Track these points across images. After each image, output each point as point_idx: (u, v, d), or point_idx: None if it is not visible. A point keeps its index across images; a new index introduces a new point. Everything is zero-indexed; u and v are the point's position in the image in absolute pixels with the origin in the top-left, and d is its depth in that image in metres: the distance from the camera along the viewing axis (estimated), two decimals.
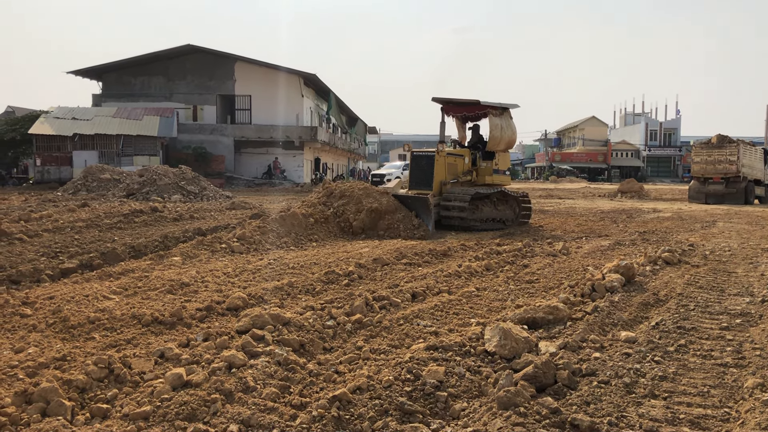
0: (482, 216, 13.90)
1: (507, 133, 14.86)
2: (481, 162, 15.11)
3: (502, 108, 14.91)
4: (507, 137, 14.92)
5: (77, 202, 17.61)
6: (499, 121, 14.67)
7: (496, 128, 14.68)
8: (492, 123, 14.69)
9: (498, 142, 14.84)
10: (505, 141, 14.96)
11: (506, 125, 14.80)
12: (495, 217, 14.24)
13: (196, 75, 41.27)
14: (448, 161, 14.27)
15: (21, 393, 3.93)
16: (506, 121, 14.85)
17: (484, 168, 15.06)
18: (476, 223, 13.57)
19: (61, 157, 35.15)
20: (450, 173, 14.27)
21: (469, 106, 15.24)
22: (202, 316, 5.83)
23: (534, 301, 6.16)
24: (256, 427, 3.65)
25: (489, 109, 14.81)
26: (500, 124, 14.66)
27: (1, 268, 8.90)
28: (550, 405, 3.68)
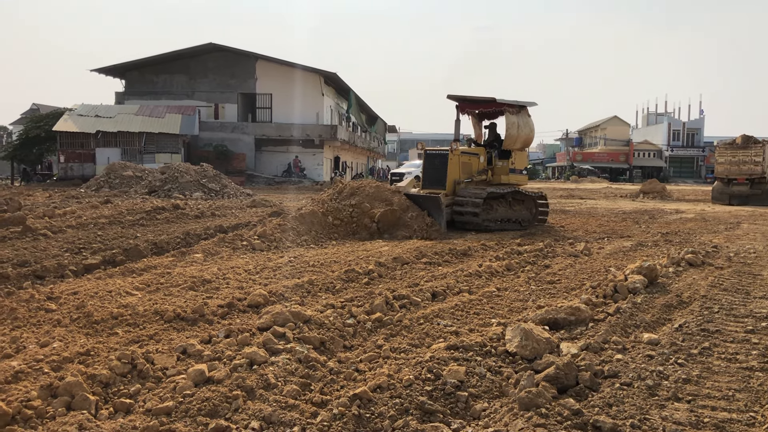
0: (497, 216, 13.64)
1: (524, 131, 14.56)
2: (497, 161, 14.84)
3: (519, 106, 14.61)
4: (524, 136, 14.63)
5: (100, 199, 17.82)
6: (515, 119, 14.35)
7: (512, 126, 14.34)
8: (508, 121, 14.35)
9: (514, 141, 14.53)
10: (522, 140, 14.67)
11: (523, 123, 14.49)
12: (510, 217, 13.98)
13: (218, 73, 41.54)
14: (462, 160, 13.97)
15: (46, 387, 3.98)
16: (523, 119, 14.53)
17: (500, 167, 14.76)
18: (490, 224, 13.32)
19: (85, 154, 35.59)
20: (464, 172, 13.97)
21: (485, 103, 14.97)
22: (224, 313, 5.86)
23: (555, 302, 6.13)
24: (277, 424, 3.66)
25: (505, 107, 14.52)
26: (517, 122, 14.34)
27: (26, 263, 9.03)
28: (571, 406, 3.66)
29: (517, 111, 14.46)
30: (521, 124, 14.40)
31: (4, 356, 4.77)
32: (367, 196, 12.63)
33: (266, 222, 12.27)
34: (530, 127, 14.75)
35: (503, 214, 13.79)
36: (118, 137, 35.81)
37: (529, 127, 14.67)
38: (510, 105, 14.46)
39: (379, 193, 12.72)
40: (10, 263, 8.97)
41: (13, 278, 8.32)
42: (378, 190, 12.81)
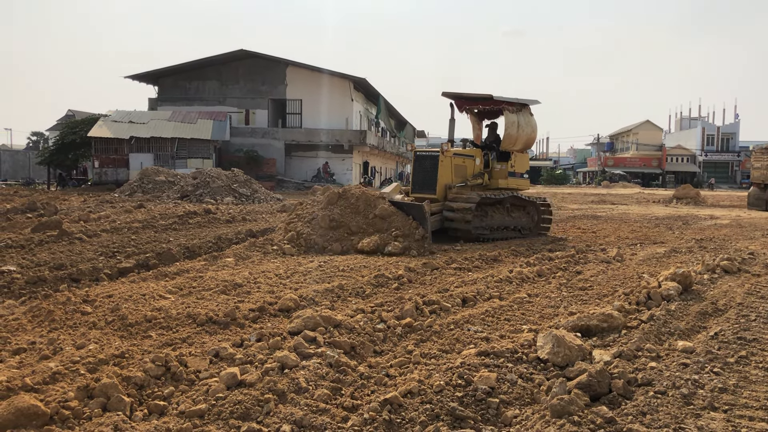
0: (492, 224, 12.64)
1: (525, 131, 13.44)
2: (496, 164, 13.74)
3: (520, 104, 13.48)
4: (525, 136, 13.52)
5: (134, 204, 18.11)
6: (515, 118, 13.24)
7: (512, 126, 13.22)
8: (507, 120, 13.24)
9: (514, 142, 13.40)
10: (523, 140, 13.56)
11: (525, 123, 13.39)
12: (508, 225, 13.03)
13: (249, 79, 41.97)
14: (455, 162, 12.85)
15: (83, 388, 4.06)
16: (525, 118, 13.42)
17: (499, 170, 13.66)
18: (485, 232, 12.36)
19: (119, 159, 36.19)
20: (457, 176, 12.88)
21: (482, 101, 13.97)
22: (255, 317, 5.91)
23: (587, 309, 6.06)
24: (308, 428, 3.68)
25: (504, 104, 13.44)
26: (517, 122, 13.24)
27: (62, 266, 9.22)
28: (605, 414, 3.62)
29: (518, 109, 13.43)
30: (522, 123, 13.37)
31: (42, 357, 4.87)
32: (350, 206, 11.35)
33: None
34: (532, 126, 13.66)
35: (500, 222, 12.86)
36: (151, 143, 36.35)
37: (531, 126, 13.60)
38: (509, 103, 13.43)
39: (364, 202, 11.39)
40: (47, 266, 9.16)
41: (50, 281, 8.51)
42: (363, 198, 11.48)
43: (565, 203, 25.84)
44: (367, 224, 10.97)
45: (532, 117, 13.69)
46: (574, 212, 20.05)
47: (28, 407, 3.63)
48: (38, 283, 8.42)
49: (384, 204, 11.26)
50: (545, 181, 69.77)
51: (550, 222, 14.10)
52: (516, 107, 13.39)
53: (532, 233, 13.38)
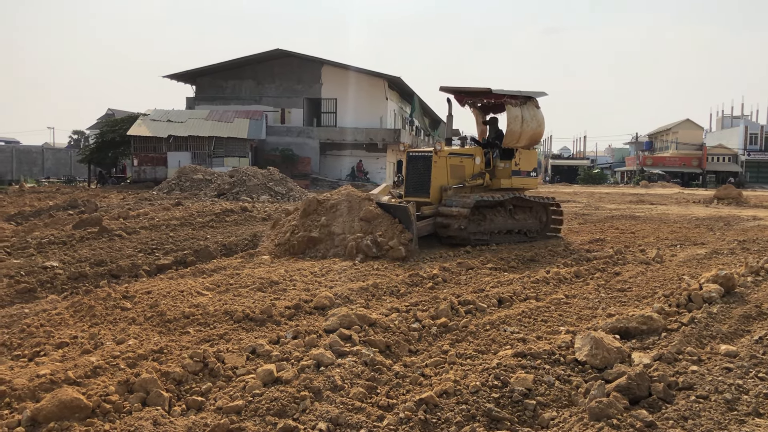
0: (492, 227, 11.69)
1: (531, 126, 12.46)
2: (498, 162, 12.73)
3: (524, 97, 12.54)
4: (530, 131, 12.54)
5: (172, 201, 18.39)
6: (519, 112, 12.29)
7: (514, 121, 12.26)
8: (510, 114, 12.29)
9: (517, 138, 12.43)
10: (528, 136, 12.58)
11: (530, 117, 12.44)
12: (512, 228, 12.11)
13: (284, 79, 42.27)
14: (450, 162, 11.93)
15: (123, 382, 4.13)
16: (530, 112, 12.48)
17: (502, 169, 12.67)
18: (484, 237, 11.44)
19: (157, 157, 36.76)
20: (454, 177, 11.95)
21: (480, 95, 13.06)
22: (291, 314, 5.95)
23: (626, 310, 5.97)
24: (344, 426, 3.69)
25: (506, 98, 12.51)
26: (521, 116, 12.28)
27: (102, 262, 9.41)
28: (644, 418, 3.55)
29: (522, 102, 12.49)
30: (527, 117, 12.40)
31: (84, 352, 4.98)
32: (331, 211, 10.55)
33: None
34: (538, 121, 12.66)
35: (501, 225, 11.88)
36: (189, 141, 36.84)
37: (536, 121, 12.61)
38: (512, 96, 12.50)
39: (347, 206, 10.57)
40: (88, 262, 9.37)
41: (90, 277, 8.70)
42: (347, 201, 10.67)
43: (603, 203, 25.48)
44: (352, 228, 10.10)
45: (538, 110, 12.76)
46: (612, 212, 19.75)
47: (71, 400, 3.70)
48: (79, 278, 8.61)
49: (370, 206, 10.46)
50: (582, 181, 68.88)
51: (561, 223, 13.26)
52: (519, 100, 12.50)
53: (540, 236, 12.53)
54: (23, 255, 10.05)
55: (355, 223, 10.12)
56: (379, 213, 10.32)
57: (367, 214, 10.22)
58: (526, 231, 12.37)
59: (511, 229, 12.11)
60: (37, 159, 43.11)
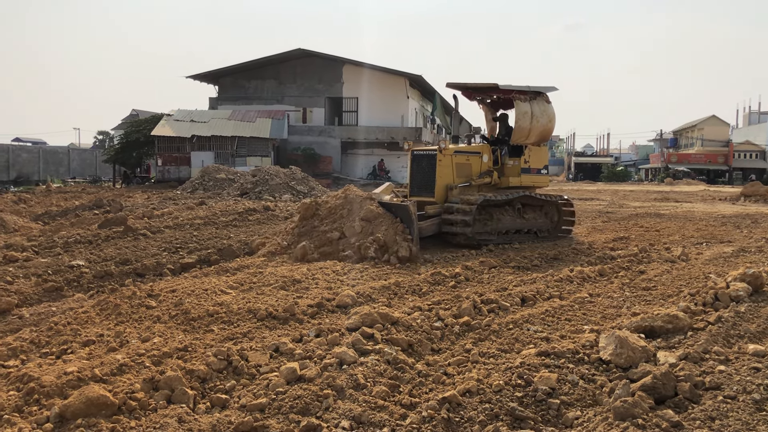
0: (500, 227, 11.35)
1: (541, 122, 12.09)
2: (507, 159, 12.34)
3: (533, 92, 12.19)
4: (540, 128, 12.16)
5: (195, 201, 18.55)
6: (527, 107, 11.94)
7: (523, 117, 11.91)
8: (519, 110, 11.93)
9: (526, 134, 12.07)
10: (537, 132, 12.21)
11: (540, 112, 12.09)
12: (521, 227, 11.75)
13: (306, 78, 42.41)
14: (456, 161, 11.58)
15: (149, 380, 4.18)
16: (540, 107, 12.13)
17: (511, 167, 12.27)
18: (491, 237, 11.10)
19: (180, 157, 37.09)
20: (460, 175, 11.59)
21: (488, 90, 12.69)
22: (313, 313, 5.98)
23: (651, 309, 5.89)
24: (367, 425, 3.70)
25: (514, 93, 12.11)
26: (530, 112, 11.93)
27: (127, 261, 9.52)
28: (670, 418, 3.51)
29: (531, 98, 12.14)
30: (537, 113, 12.04)
31: (110, 350, 5.04)
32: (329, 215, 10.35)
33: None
34: (549, 116, 12.30)
35: (509, 225, 11.54)
36: (212, 141, 37.12)
37: (547, 116, 12.24)
38: (520, 91, 12.14)
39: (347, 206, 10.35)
40: (113, 261, 9.49)
41: (116, 275, 8.81)
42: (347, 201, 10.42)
43: (627, 201, 25.22)
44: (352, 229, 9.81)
45: (548, 106, 12.39)
46: (636, 210, 19.54)
47: (98, 397, 3.76)
48: (105, 277, 8.73)
49: (370, 205, 10.09)
50: (606, 179, 68.20)
51: (573, 223, 12.82)
52: (529, 96, 12.14)
53: (551, 236, 12.12)
54: (50, 254, 10.21)
55: (356, 224, 9.84)
56: (380, 213, 10.00)
57: (368, 214, 9.90)
58: (536, 231, 12.03)
59: (521, 229, 11.77)
60: (63, 159, 43.72)
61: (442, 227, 10.86)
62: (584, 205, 21.87)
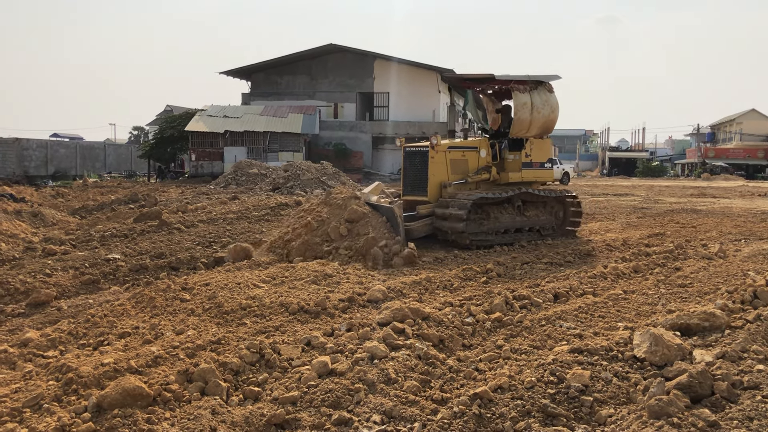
0: (498, 227, 10.59)
1: (543, 113, 11.41)
2: (507, 154, 11.67)
3: (534, 82, 11.52)
4: (541, 119, 11.47)
5: (228, 195, 18.75)
6: (527, 98, 11.26)
7: (522, 108, 11.22)
8: (518, 101, 11.26)
9: (527, 126, 11.40)
10: (539, 124, 11.51)
11: (541, 103, 11.40)
12: (522, 226, 11.00)
13: (338, 73, 42.52)
14: (450, 157, 10.89)
15: (183, 372, 4.24)
16: (541, 97, 11.44)
17: (511, 162, 11.60)
18: (488, 237, 10.40)
19: (214, 152, 37.52)
20: (455, 172, 10.92)
21: (485, 81, 12.05)
22: (345, 307, 6.00)
23: (687, 307, 5.79)
24: (398, 419, 3.71)
25: (513, 84, 11.47)
26: (530, 102, 11.26)
27: (162, 255, 9.67)
28: (707, 417, 3.45)
29: (532, 87, 11.46)
30: (537, 103, 11.35)
31: (145, 341, 5.13)
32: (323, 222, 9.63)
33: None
34: (551, 106, 11.59)
35: (508, 224, 10.78)
36: (245, 136, 37.46)
37: (549, 107, 11.54)
38: (519, 81, 11.47)
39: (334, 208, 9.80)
40: (148, 255, 9.64)
41: (151, 269, 8.95)
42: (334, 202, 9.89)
43: (663, 196, 24.81)
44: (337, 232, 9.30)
45: (551, 95, 11.68)
46: (672, 206, 19.22)
47: (134, 388, 3.82)
48: (140, 270, 8.88)
49: (355, 205, 9.50)
50: (641, 174, 67.16)
51: (579, 220, 12.10)
52: (528, 85, 11.46)
53: (555, 234, 11.42)
54: (87, 248, 10.43)
55: (341, 226, 9.30)
56: (365, 213, 9.43)
57: (352, 215, 9.31)
58: (539, 228, 11.30)
59: (521, 227, 11.02)
60: (100, 155, 44.52)
61: (436, 228, 10.26)
62: (618, 201, 21.58)
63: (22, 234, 11.45)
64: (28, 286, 7.88)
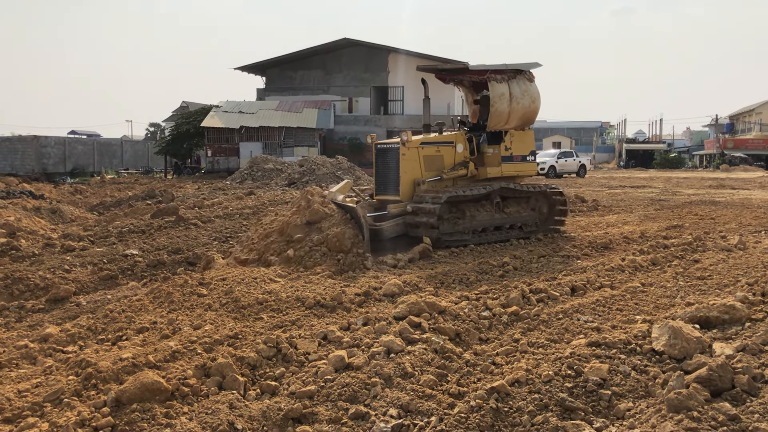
0: (475, 225, 9.94)
1: (522, 103, 10.76)
2: (486, 147, 11.00)
3: (512, 71, 10.85)
4: (521, 110, 10.81)
5: (244, 191, 18.84)
6: (504, 88, 10.60)
7: (500, 99, 10.54)
8: (495, 92, 10.56)
9: (505, 118, 10.74)
10: (519, 115, 10.86)
11: (521, 93, 10.76)
12: (501, 224, 10.37)
13: (352, 68, 42.50)
14: (423, 153, 10.19)
15: (200, 367, 4.27)
16: (520, 87, 10.79)
17: (490, 156, 10.94)
18: (464, 237, 9.77)
19: (229, 148, 37.71)
20: (430, 169, 10.25)
21: (459, 72, 11.43)
22: (361, 301, 6.00)
23: (706, 299, 5.73)
24: (414, 413, 3.70)
25: (489, 74, 10.75)
26: (508, 93, 10.60)
27: (179, 250, 9.73)
28: (727, 411, 3.41)
29: (510, 77, 10.79)
30: (516, 93, 10.72)
31: (163, 336, 5.17)
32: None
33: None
34: (531, 96, 10.94)
35: (486, 222, 10.14)
36: (260, 132, 37.62)
37: (529, 97, 10.90)
38: (496, 71, 10.78)
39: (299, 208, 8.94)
40: (166, 250, 9.71)
41: (168, 264, 9.01)
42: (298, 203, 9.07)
43: (681, 188, 24.58)
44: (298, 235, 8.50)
45: (530, 84, 11.05)
46: (690, 197, 19.03)
47: (152, 383, 3.85)
48: (158, 266, 8.95)
49: (317, 206, 8.73)
50: (658, 165, 66.56)
51: (565, 216, 11.50)
52: (507, 75, 10.79)
53: (539, 231, 10.84)
54: (105, 243, 10.52)
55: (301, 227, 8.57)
56: (328, 213, 8.67)
57: (314, 216, 8.56)
58: (521, 225, 10.69)
59: (501, 225, 10.40)
60: (117, 151, 44.89)
61: (407, 227, 9.63)
62: (636, 193, 21.41)
63: (42, 230, 11.58)
64: (47, 282, 7.97)
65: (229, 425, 3.63)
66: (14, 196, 18.10)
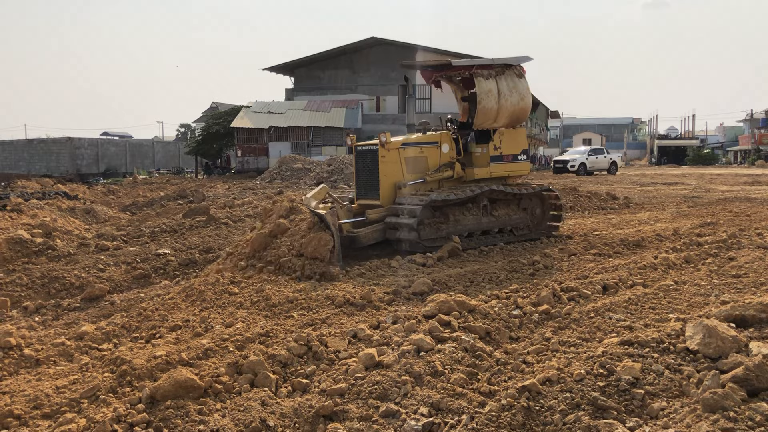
0: (460, 230, 9.42)
1: (510, 100, 10.12)
2: (474, 147, 10.40)
3: (500, 66, 10.23)
4: (510, 107, 10.16)
5: (273, 190, 18.98)
6: (492, 84, 9.97)
7: (487, 96, 9.89)
8: (481, 89, 9.90)
9: (493, 116, 10.09)
10: (508, 113, 10.21)
11: (509, 89, 10.12)
12: (490, 227, 9.87)
13: (379, 66, 42.55)
14: (405, 155, 9.52)
15: (232, 364, 4.32)
16: (508, 83, 10.16)
17: (479, 156, 10.34)
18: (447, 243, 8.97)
19: (259, 148, 38.05)
20: (413, 171, 9.57)
21: (442, 69, 10.82)
22: (390, 300, 6.02)
23: (742, 298, 5.63)
24: (445, 411, 3.70)
25: (475, 69, 10.12)
26: (495, 89, 9.97)
27: (210, 249, 9.83)
28: (764, 411, 3.35)
29: (498, 72, 10.17)
30: (504, 90, 10.08)
31: (195, 334, 5.23)
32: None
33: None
34: (520, 93, 10.29)
35: (472, 226, 9.61)
36: (288, 132, 37.88)
37: (518, 93, 10.25)
38: (482, 66, 10.17)
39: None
40: (197, 249, 9.82)
41: (200, 263, 9.12)
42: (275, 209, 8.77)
43: (714, 185, 24.16)
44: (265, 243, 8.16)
45: (520, 80, 10.42)
46: (724, 194, 18.70)
47: (186, 380, 3.91)
48: (190, 265, 9.06)
49: (281, 219, 8.33)
50: (691, 162, 65.48)
51: (560, 218, 10.94)
52: (493, 70, 10.17)
53: (531, 234, 10.36)
54: (138, 243, 10.68)
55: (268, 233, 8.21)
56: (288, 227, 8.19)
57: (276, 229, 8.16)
58: (512, 228, 10.22)
59: (489, 229, 9.92)
60: (148, 152, 45.54)
61: (388, 233, 8.99)
62: (668, 190, 21.11)
63: (76, 230, 11.81)
64: (82, 281, 8.13)
65: (262, 422, 3.67)
66: (50, 196, 18.50)
